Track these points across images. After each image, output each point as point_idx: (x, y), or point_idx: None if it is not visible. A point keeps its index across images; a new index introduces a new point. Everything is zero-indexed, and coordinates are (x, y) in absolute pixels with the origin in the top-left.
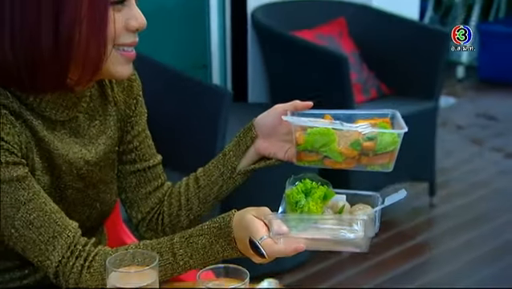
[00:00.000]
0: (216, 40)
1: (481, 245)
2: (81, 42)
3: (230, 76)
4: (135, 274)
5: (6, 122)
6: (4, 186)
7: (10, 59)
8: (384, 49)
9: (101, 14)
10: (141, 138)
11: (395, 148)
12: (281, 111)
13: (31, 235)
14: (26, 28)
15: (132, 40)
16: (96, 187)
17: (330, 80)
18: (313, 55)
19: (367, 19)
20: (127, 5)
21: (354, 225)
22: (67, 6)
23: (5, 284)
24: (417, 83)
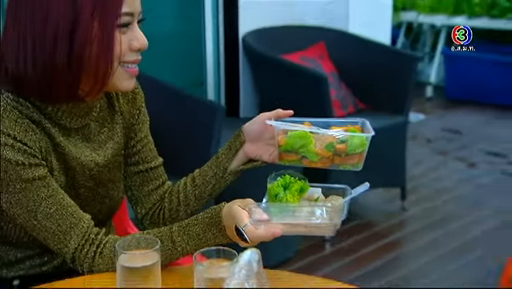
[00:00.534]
0: (211, 61)
1: (446, 243)
2: (91, 59)
3: (224, 93)
4: (140, 256)
5: (28, 129)
6: (27, 184)
7: (30, 73)
8: (360, 70)
9: (109, 36)
10: (143, 143)
11: (363, 149)
12: (265, 118)
13: (51, 226)
14: (45, 47)
15: (135, 58)
16: (105, 186)
17: (312, 97)
18: (298, 75)
19: (344, 44)
20: (130, 28)
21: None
22: (80, 28)
23: (26, 270)
24: (389, 100)
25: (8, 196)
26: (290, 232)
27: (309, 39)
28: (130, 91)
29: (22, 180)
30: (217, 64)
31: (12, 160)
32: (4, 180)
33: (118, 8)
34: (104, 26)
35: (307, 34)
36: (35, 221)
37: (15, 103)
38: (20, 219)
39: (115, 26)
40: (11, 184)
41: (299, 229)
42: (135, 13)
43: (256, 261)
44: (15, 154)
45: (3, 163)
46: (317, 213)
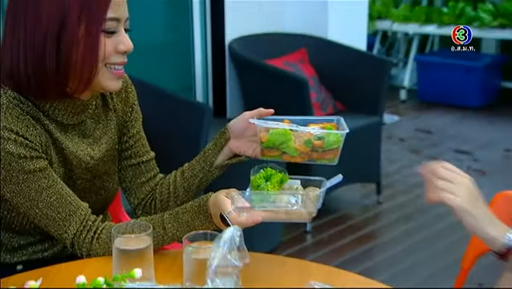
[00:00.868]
0: (199, 66)
1: (417, 233)
2: (77, 60)
3: (212, 96)
4: (134, 239)
5: (29, 125)
6: (29, 175)
7: (23, 72)
8: (339, 74)
9: (94, 38)
10: (136, 138)
11: (339, 146)
12: (249, 117)
13: (52, 214)
14: (35, 48)
15: (121, 60)
16: (101, 178)
17: (294, 99)
18: (280, 79)
19: (324, 50)
20: (117, 32)
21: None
22: (67, 30)
23: (28, 256)
24: (365, 102)
25: (12, 186)
26: (271, 218)
27: (291, 46)
28: (116, 91)
29: (24, 171)
30: (205, 69)
31: (15, 153)
32: (8, 172)
33: (103, 13)
34: (90, 29)
35: (289, 41)
36: (37, 210)
37: (17, 101)
38: (23, 208)
39: (100, 30)
40: (14, 175)
41: (279, 216)
42: (121, 18)
43: (238, 236)
44: (18, 148)
45: (7, 156)
46: (294, 201)
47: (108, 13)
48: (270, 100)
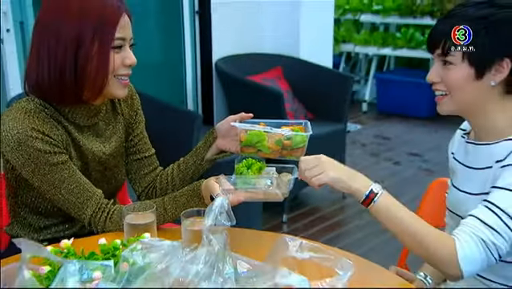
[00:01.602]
0: (190, 82)
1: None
2: (91, 72)
3: (201, 106)
4: (141, 215)
5: (53, 127)
6: (53, 167)
7: (46, 82)
8: (309, 88)
9: (105, 55)
10: (140, 137)
11: (304, 145)
12: (232, 120)
13: (72, 199)
14: (56, 63)
15: (126, 72)
16: (111, 170)
17: (271, 109)
18: (260, 92)
19: (296, 67)
20: (123, 49)
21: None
22: (83, 48)
23: (52, 235)
24: (332, 112)
25: (39, 176)
26: (251, 198)
27: (268, 64)
28: (123, 97)
29: (49, 164)
30: (195, 84)
31: (41, 149)
32: (36, 165)
33: (113, 33)
34: (102, 47)
35: (267, 60)
36: (60, 195)
37: (42, 107)
38: (48, 194)
39: (110, 48)
40: (41, 167)
41: (258, 196)
42: (126, 38)
43: (226, 203)
44: (44, 145)
45: (35, 152)
46: (269, 183)
47: (116, 33)
48: (251, 111)
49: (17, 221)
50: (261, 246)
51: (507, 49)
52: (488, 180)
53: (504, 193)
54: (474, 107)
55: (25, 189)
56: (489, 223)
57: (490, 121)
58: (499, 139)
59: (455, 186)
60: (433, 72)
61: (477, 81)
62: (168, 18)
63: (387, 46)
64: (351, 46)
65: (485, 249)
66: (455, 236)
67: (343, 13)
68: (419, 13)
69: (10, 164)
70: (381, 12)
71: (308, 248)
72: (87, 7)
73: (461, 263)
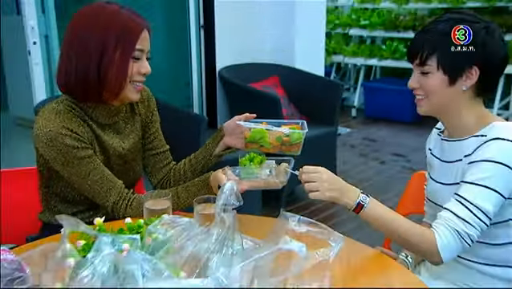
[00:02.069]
0: (196, 89)
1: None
2: (112, 77)
3: (205, 111)
4: (159, 201)
5: (80, 125)
6: (80, 160)
7: (73, 83)
8: (304, 94)
9: (125, 63)
10: (155, 135)
11: (301, 141)
12: (237, 119)
13: (97, 188)
14: (83, 68)
15: (141, 79)
16: (130, 163)
17: (269, 113)
18: (259, 98)
19: (292, 76)
20: (141, 59)
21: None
22: (106, 56)
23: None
24: (324, 115)
25: (68, 169)
26: (253, 186)
27: (266, 73)
28: (136, 101)
29: (77, 158)
30: (201, 90)
31: (70, 145)
32: (65, 158)
33: (134, 45)
34: (123, 56)
35: (265, 69)
36: (87, 185)
37: (70, 108)
38: (76, 184)
39: (130, 57)
40: (70, 161)
41: (259, 184)
42: (144, 49)
43: (235, 186)
44: (72, 141)
45: (65, 147)
46: (269, 173)
47: (137, 45)
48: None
49: (48, 209)
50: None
51: (474, 58)
52: (458, 171)
53: (472, 188)
54: (448, 108)
55: (55, 181)
56: (461, 216)
57: (461, 120)
58: (468, 135)
59: (432, 178)
60: (413, 80)
61: (450, 87)
62: (177, 31)
63: (373, 58)
64: (341, 57)
65: (460, 238)
66: (434, 229)
67: (334, 27)
68: (402, 27)
69: (42, 159)
70: (368, 27)
71: (305, 223)
72: (113, 20)
73: (441, 252)
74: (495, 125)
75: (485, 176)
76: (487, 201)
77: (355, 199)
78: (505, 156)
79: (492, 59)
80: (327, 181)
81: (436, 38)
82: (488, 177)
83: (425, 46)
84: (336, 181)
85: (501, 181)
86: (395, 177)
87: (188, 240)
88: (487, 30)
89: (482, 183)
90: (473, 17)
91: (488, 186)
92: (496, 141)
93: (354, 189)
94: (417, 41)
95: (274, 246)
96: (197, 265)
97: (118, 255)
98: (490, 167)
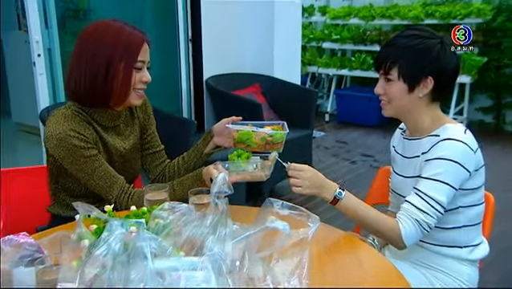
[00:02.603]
0: (185, 96)
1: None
2: (117, 86)
3: (194, 116)
4: (158, 193)
5: (86, 128)
6: (87, 159)
7: (82, 91)
8: (282, 101)
9: (128, 73)
10: (152, 136)
11: (282, 140)
12: (226, 122)
13: (101, 183)
14: (91, 77)
15: (142, 87)
16: (130, 162)
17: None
18: (242, 104)
19: (271, 84)
20: (142, 69)
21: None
22: (112, 67)
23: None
24: (301, 120)
25: (76, 166)
26: (241, 179)
27: (248, 81)
28: (138, 106)
29: (83, 156)
30: (189, 97)
31: (77, 145)
32: (74, 157)
33: (136, 57)
34: (127, 67)
35: (247, 78)
36: (92, 181)
37: (77, 112)
38: (83, 180)
39: (133, 68)
40: (78, 159)
41: (246, 177)
42: (145, 61)
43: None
44: (79, 142)
45: (73, 147)
46: (255, 166)
47: (139, 57)
48: None
49: (57, 202)
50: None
51: (430, 69)
52: (417, 166)
53: (428, 182)
54: (408, 111)
55: (64, 177)
56: (420, 207)
57: (419, 122)
58: (425, 135)
59: (395, 172)
60: (379, 86)
61: (409, 94)
62: (167, 44)
63: (344, 68)
64: (315, 68)
65: (420, 227)
66: (398, 220)
67: (309, 41)
68: (369, 41)
69: (52, 158)
70: (339, 41)
71: (287, 207)
72: (118, 36)
73: (404, 239)
74: (446, 126)
75: (438, 172)
76: (441, 194)
77: (331, 194)
78: (455, 153)
79: (445, 71)
80: (308, 179)
81: (397, 51)
82: (441, 172)
83: (389, 58)
84: (317, 179)
85: (452, 176)
86: (364, 174)
87: (186, 225)
88: (441, 45)
89: (436, 178)
90: (429, 33)
91: (441, 180)
92: (447, 141)
93: (332, 185)
94: (382, 53)
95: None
96: (194, 246)
97: (129, 234)
98: (442, 164)
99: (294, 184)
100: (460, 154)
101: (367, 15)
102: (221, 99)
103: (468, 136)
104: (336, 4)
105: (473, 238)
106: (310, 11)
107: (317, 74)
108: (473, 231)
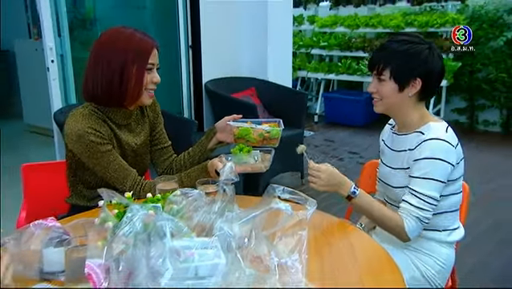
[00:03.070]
0: (186, 98)
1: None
2: (131, 87)
3: (194, 117)
4: (168, 183)
5: (101, 125)
6: (103, 154)
7: (99, 93)
8: (275, 102)
9: (141, 75)
10: (160, 133)
11: (278, 136)
12: (227, 120)
13: (116, 175)
14: (107, 80)
15: (153, 87)
16: (141, 156)
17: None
18: (239, 105)
19: (266, 87)
20: (152, 71)
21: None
22: (125, 70)
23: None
24: (293, 120)
25: (93, 160)
26: (243, 170)
27: (245, 85)
28: (148, 105)
29: (100, 151)
30: (189, 99)
31: (94, 141)
32: (91, 152)
33: (147, 60)
34: (139, 70)
35: (244, 82)
36: (108, 174)
37: (94, 112)
38: (99, 173)
39: (144, 70)
40: (94, 154)
41: (247, 168)
42: (155, 63)
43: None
44: (96, 138)
45: (91, 143)
46: (256, 158)
47: (149, 60)
48: None
49: (75, 194)
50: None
51: (418, 72)
52: (404, 160)
53: (420, 181)
54: (397, 109)
55: (82, 170)
56: (417, 205)
57: (407, 118)
58: (411, 131)
59: (384, 163)
60: (372, 85)
61: (399, 93)
62: (169, 50)
63: (331, 73)
64: (305, 72)
65: (420, 221)
66: (403, 218)
67: (298, 47)
68: (354, 48)
69: (71, 153)
70: (327, 47)
71: (288, 192)
72: (130, 42)
73: (409, 234)
74: (430, 125)
75: (427, 170)
76: (433, 189)
77: (347, 191)
78: (439, 152)
79: (432, 73)
80: (324, 180)
81: (390, 54)
82: (429, 171)
83: (382, 60)
84: (333, 178)
85: (439, 172)
86: (351, 170)
87: (196, 210)
88: (429, 50)
89: (426, 176)
90: (419, 38)
91: (430, 178)
92: (431, 141)
93: (348, 184)
94: (376, 56)
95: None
96: (204, 228)
97: (151, 215)
98: (429, 163)
99: (310, 181)
100: (443, 152)
101: (352, 24)
102: (219, 101)
103: (449, 134)
104: (324, 13)
105: (452, 222)
106: (300, 20)
107: (306, 78)
108: (452, 217)
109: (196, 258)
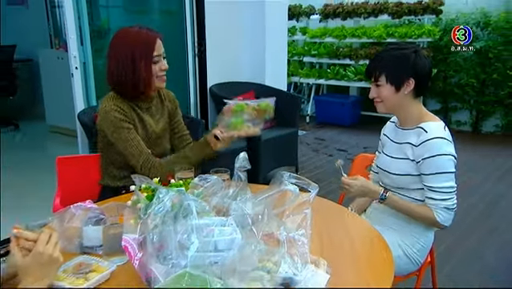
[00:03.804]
0: (192, 101)
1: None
2: (142, 78)
3: (200, 117)
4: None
5: (127, 110)
6: (124, 130)
7: (121, 82)
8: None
9: (148, 66)
10: (178, 123)
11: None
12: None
13: (132, 151)
14: (124, 71)
15: (162, 74)
16: (161, 138)
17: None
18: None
19: (264, 90)
20: (159, 60)
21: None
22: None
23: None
24: (288, 120)
25: (115, 135)
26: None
27: (245, 88)
28: (163, 88)
29: (122, 127)
30: (196, 102)
31: (118, 117)
32: (114, 127)
33: (152, 53)
34: (146, 62)
35: (244, 86)
36: (126, 149)
37: (119, 96)
38: (120, 147)
39: (151, 62)
40: (117, 129)
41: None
42: (160, 54)
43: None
44: (120, 115)
45: (115, 119)
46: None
47: (154, 53)
48: None
49: (106, 175)
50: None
51: (409, 73)
52: (407, 151)
53: (434, 177)
54: (398, 107)
55: (109, 149)
56: (441, 198)
57: (408, 114)
58: (414, 126)
59: (384, 153)
60: (372, 92)
61: (396, 93)
62: (177, 58)
63: (321, 78)
64: (297, 78)
65: (450, 210)
66: (433, 211)
67: (292, 56)
68: (341, 56)
69: (101, 132)
70: (317, 55)
71: (293, 177)
72: (136, 38)
73: (443, 223)
74: (430, 124)
75: (437, 166)
76: (448, 180)
77: (377, 196)
78: (442, 148)
79: (421, 72)
80: (354, 193)
81: (383, 62)
82: (439, 165)
83: (377, 68)
84: (362, 188)
85: (448, 164)
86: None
87: (212, 195)
88: (415, 53)
89: (438, 171)
90: (405, 44)
91: (442, 172)
92: (434, 140)
93: (378, 191)
94: (371, 65)
95: (278, 186)
96: (221, 210)
97: (179, 195)
98: (438, 160)
99: (344, 185)
100: (445, 147)
101: (340, 35)
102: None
103: (447, 132)
104: (314, 25)
105: None
106: (293, 31)
107: (299, 83)
108: None
109: (216, 232)
